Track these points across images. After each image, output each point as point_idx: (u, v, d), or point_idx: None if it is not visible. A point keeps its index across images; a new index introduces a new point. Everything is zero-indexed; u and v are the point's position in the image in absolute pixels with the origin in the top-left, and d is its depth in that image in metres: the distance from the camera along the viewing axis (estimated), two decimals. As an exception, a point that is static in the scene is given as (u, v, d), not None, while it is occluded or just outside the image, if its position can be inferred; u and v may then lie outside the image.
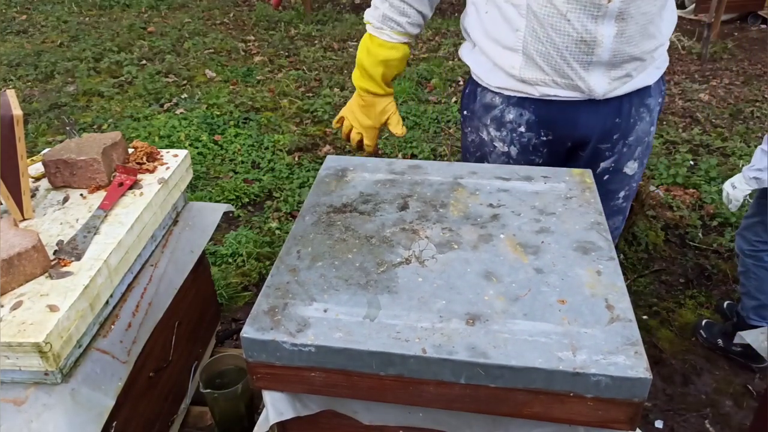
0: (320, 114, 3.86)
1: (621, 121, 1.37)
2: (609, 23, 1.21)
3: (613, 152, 1.42)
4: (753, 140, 3.47)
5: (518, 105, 1.37)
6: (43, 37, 5.38)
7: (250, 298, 2.35)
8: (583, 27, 1.21)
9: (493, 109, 1.41)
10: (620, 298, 0.90)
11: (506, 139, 1.42)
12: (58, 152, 1.35)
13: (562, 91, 1.31)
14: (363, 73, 1.44)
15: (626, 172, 1.46)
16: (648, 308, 2.29)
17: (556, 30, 1.23)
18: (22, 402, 1.01)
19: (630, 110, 1.37)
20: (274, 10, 6.05)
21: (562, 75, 1.28)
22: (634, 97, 1.36)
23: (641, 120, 1.40)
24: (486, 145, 1.46)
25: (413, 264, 0.98)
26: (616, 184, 1.47)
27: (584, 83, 1.28)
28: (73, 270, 1.10)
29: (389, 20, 1.37)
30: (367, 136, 1.51)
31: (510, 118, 1.39)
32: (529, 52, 1.27)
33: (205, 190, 3.03)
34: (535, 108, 1.36)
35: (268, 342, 0.85)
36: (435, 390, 0.85)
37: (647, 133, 1.44)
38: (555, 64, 1.27)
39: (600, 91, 1.29)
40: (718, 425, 1.84)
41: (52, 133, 3.67)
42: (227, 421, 1.50)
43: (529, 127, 1.39)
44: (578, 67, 1.26)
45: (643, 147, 1.45)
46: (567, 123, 1.37)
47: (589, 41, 1.22)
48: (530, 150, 1.42)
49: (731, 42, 4.93)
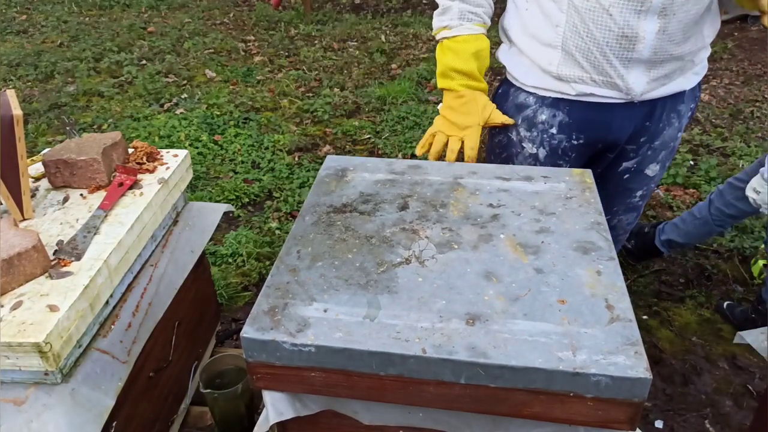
0: (320, 114, 3.86)
1: (651, 125, 1.37)
2: (652, 19, 1.19)
3: (637, 154, 1.41)
4: (753, 140, 3.47)
5: (552, 105, 1.36)
6: (43, 37, 5.38)
7: (250, 298, 2.35)
8: (625, 21, 1.19)
9: (525, 108, 1.40)
10: (620, 298, 0.90)
11: (536, 140, 1.41)
12: (58, 152, 1.35)
13: (599, 89, 1.29)
14: (456, 74, 1.37)
15: (647, 174, 1.46)
16: (648, 308, 2.29)
17: (597, 25, 1.21)
18: (22, 402, 1.01)
19: (661, 115, 1.36)
20: (274, 10, 6.05)
21: (600, 72, 1.27)
22: (667, 101, 1.35)
23: (670, 125, 1.39)
24: (514, 145, 1.45)
25: (413, 264, 0.98)
26: (635, 184, 1.47)
27: (623, 81, 1.27)
28: (73, 270, 1.10)
29: (467, 14, 1.34)
30: (470, 138, 1.36)
31: (542, 118, 1.38)
32: (569, 48, 1.26)
33: (205, 190, 3.03)
34: (569, 109, 1.35)
35: (268, 342, 0.85)
36: (435, 390, 0.85)
37: (674, 138, 1.43)
38: (594, 60, 1.26)
39: (638, 90, 1.28)
40: (718, 425, 1.84)
41: (52, 133, 3.67)
42: (227, 421, 1.50)
43: (561, 129, 1.38)
44: (618, 63, 1.25)
45: (667, 151, 1.44)
46: (601, 126, 1.36)
47: (630, 36, 1.21)
48: (559, 153, 1.41)
49: (731, 42, 4.93)
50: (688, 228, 2.17)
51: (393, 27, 5.58)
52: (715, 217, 2.10)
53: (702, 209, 2.14)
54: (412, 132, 3.61)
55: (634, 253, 2.33)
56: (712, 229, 2.13)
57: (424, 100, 4.09)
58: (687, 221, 2.18)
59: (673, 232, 2.20)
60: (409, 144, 3.47)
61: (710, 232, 2.14)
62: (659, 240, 2.24)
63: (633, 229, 2.29)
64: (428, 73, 4.45)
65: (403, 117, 3.78)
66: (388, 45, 5.08)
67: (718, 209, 2.09)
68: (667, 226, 2.25)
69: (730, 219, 2.09)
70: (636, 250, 2.33)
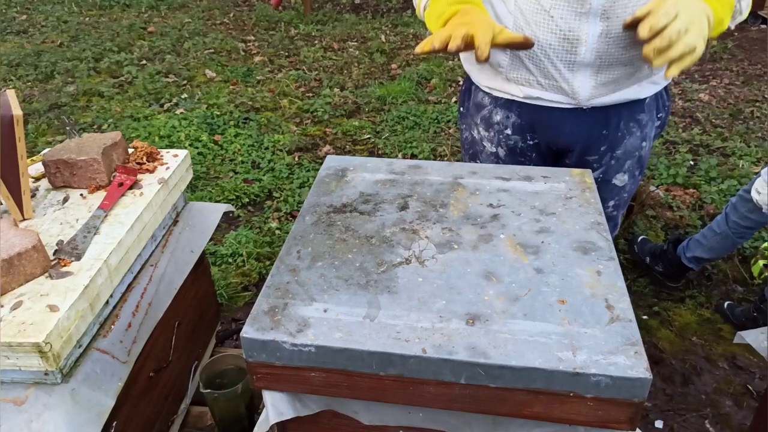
0: (320, 114, 3.87)
1: (608, 133, 1.35)
2: (593, 21, 1.17)
3: (600, 164, 1.40)
4: (753, 140, 3.47)
5: (505, 107, 1.36)
6: (43, 37, 5.38)
7: (250, 298, 2.35)
8: (566, 24, 1.18)
9: (482, 108, 1.41)
10: (620, 298, 0.90)
11: (494, 140, 1.41)
12: (58, 152, 1.35)
13: (546, 93, 1.28)
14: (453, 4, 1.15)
15: (615, 184, 1.44)
16: (648, 308, 2.29)
17: (540, 27, 1.20)
18: (22, 402, 1.01)
19: (618, 123, 1.34)
20: (274, 10, 6.05)
21: (546, 75, 1.26)
22: (623, 110, 1.33)
23: (630, 134, 1.36)
24: (477, 143, 1.46)
25: (413, 264, 0.98)
26: (606, 194, 1.45)
27: (568, 85, 1.25)
28: (73, 270, 1.10)
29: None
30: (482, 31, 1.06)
31: (497, 119, 1.38)
32: (516, 50, 1.25)
33: (205, 190, 3.03)
34: (520, 111, 1.35)
35: (268, 342, 0.85)
36: (435, 390, 0.85)
37: (638, 147, 1.39)
38: (539, 63, 1.25)
39: (584, 95, 1.26)
40: (718, 425, 1.84)
41: (52, 133, 3.67)
42: (227, 421, 1.50)
43: (515, 130, 1.38)
44: (562, 67, 1.24)
45: (633, 161, 1.41)
46: (551, 129, 1.35)
47: (572, 39, 1.20)
48: (518, 152, 1.41)
49: (731, 42, 4.93)
50: (711, 244, 2.20)
51: (393, 27, 5.58)
52: (734, 231, 2.13)
53: (720, 224, 2.17)
54: (412, 132, 3.61)
55: (670, 276, 2.35)
56: (735, 241, 2.16)
57: (424, 100, 4.09)
58: (708, 237, 2.21)
59: (698, 248, 2.23)
60: (409, 144, 3.47)
61: (734, 244, 2.17)
62: (686, 258, 2.27)
63: (654, 251, 2.40)
64: (428, 73, 4.45)
65: (403, 117, 3.79)
66: (388, 45, 5.08)
67: (735, 222, 2.12)
68: (690, 243, 2.27)
69: (749, 230, 2.12)
70: (669, 273, 2.35)
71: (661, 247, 2.37)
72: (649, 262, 2.38)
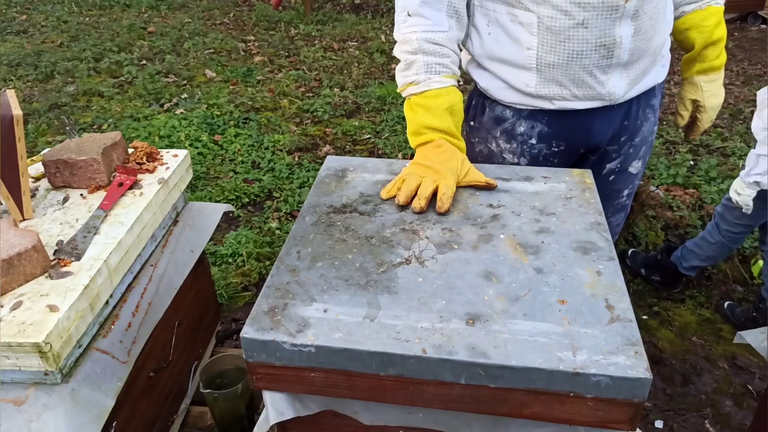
0: (320, 114, 3.86)
1: (629, 123, 1.37)
2: (626, 23, 1.20)
3: (620, 153, 1.42)
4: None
5: (530, 117, 1.35)
6: (43, 37, 5.38)
7: (250, 298, 2.35)
8: (601, 31, 1.19)
9: (504, 122, 1.38)
10: (620, 298, 0.90)
11: (516, 151, 1.39)
12: (58, 152, 1.35)
13: (581, 102, 1.29)
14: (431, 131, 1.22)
15: (631, 171, 1.47)
16: (648, 308, 2.29)
17: (573, 40, 1.21)
18: (22, 402, 1.01)
19: (638, 112, 1.37)
20: (274, 10, 6.05)
21: (581, 85, 1.26)
22: (642, 99, 1.36)
23: (647, 120, 1.40)
24: (495, 156, 1.43)
25: (413, 264, 0.98)
26: (621, 183, 1.47)
27: (604, 89, 1.26)
28: (73, 270, 1.10)
29: (434, 66, 1.23)
30: (446, 181, 1.15)
31: (521, 130, 1.36)
32: (544, 68, 1.25)
33: (205, 190, 3.03)
34: (548, 120, 1.34)
35: (268, 342, 0.85)
36: (435, 390, 0.85)
37: (651, 132, 1.44)
38: (574, 75, 1.25)
39: (620, 93, 1.28)
40: (718, 425, 1.84)
41: (52, 133, 3.67)
42: (227, 421, 1.50)
43: (541, 138, 1.37)
44: (598, 72, 1.25)
45: (647, 146, 1.45)
46: (581, 132, 1.35)
47: (608, 44, 1.21)
48: (540, 160, 1.40)
49: (731, 42, 4.93)
50: (707, 253, 2.23)
51: (393, 27, 5.57)
52: (728, 238, 2.15)
53: (713, 234, 2.19)
54: (412, 132, 3.60)
55: (668, 283, 2.36)
56: (730, 247, 2.19)
57: (424, 100, 4.08)
58: (704, 247, 2.23)
59: (694, 258, 2.26)
60: (409, 144, 3.46)
61: (729, 249, 2.20)
62: (684, 268, 2.29)
63: (647, 262, 2.40)
64: (428, 73, 4.44)
65: (403, 117, 3.78)
66: (388, 45, 5.08)
67: (726, 230, 2.14)
68: (686, 252, 2.28)
69: (741, 234, 2.14)
70: (666, 280, 2.36)
71: (655, 257, 2.38)
72: (645, 274, 2.40)
